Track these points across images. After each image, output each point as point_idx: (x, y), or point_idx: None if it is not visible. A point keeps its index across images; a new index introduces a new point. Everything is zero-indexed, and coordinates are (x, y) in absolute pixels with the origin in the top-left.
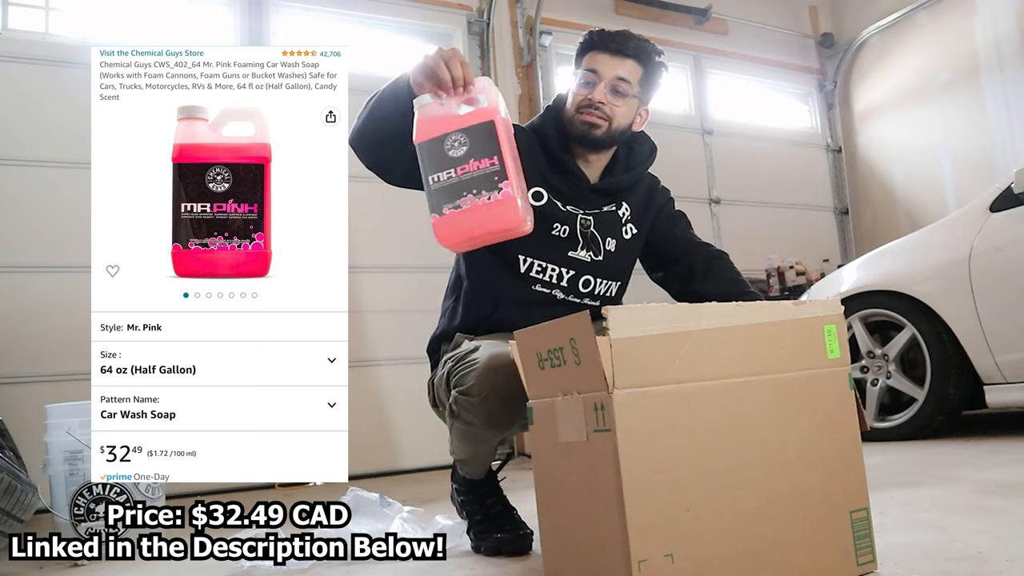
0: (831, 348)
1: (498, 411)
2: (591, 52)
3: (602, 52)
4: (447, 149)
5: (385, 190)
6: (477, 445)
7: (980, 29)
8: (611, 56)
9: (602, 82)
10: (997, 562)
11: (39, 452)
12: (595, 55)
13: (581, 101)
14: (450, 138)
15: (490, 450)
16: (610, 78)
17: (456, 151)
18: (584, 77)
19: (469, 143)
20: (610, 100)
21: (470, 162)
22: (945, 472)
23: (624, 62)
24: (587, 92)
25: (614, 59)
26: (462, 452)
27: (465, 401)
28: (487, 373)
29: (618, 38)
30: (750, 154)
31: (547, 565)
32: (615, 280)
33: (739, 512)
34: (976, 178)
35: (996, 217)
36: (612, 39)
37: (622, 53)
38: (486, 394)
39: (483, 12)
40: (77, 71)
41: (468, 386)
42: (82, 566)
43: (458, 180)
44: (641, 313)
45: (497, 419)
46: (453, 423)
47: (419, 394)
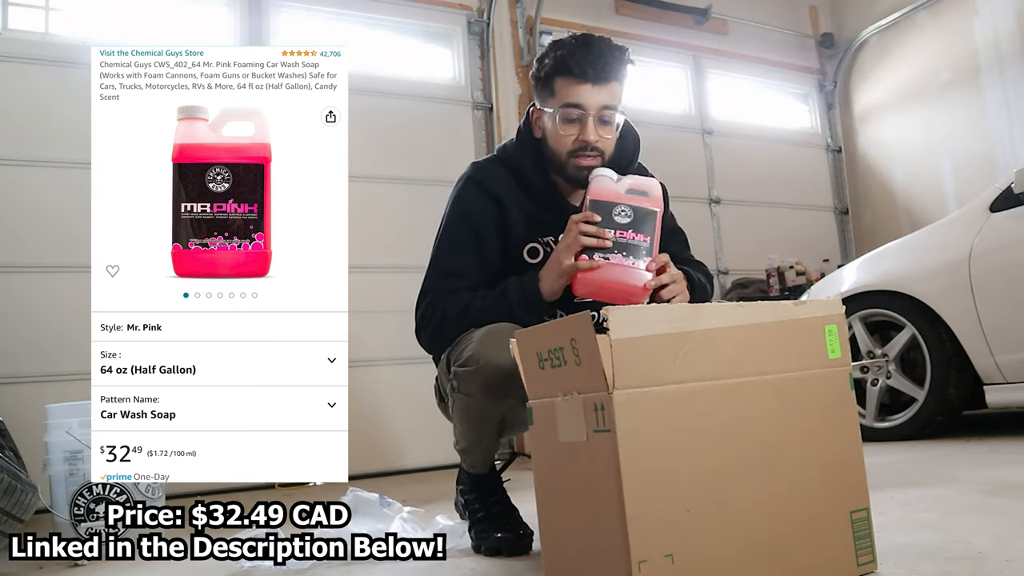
0: (832, 348)
1: (495, 378)
2: (569, 79)
3: (582, 82)
4: (615, 215)
5: (385, 190)
6: (478, 423)
7: (980, 29)
8: (594, 86)
9: (590, 117)
10: (997, 562)
11: (39, 452)
12: (574, 86)
13: (573, 144)
14: (619, 207)
15: (491, 434)
16: (596, 110)
17: (622, 219)
18: (567, 114)
19: (633, 216)
20: (602, 135)
21: (629, 232)
22: (945, 472)
23: (606, 88)
24: (576, 132)
25: (596, 88)
26: (464, 437)
27: (463, 372)
28: (483, 343)
29: (598, 64)
30: (750, 154)
31: (547, 565)
32: None
33: (739, 512)
34: (976, 178)
35: (996, 217)
36: (592, 66)
37: (604, 80)
38: (482, 363)
39: (483, 12)
40: (77, 71)
41: (466, 357)
42: (82, 566)
43: (616, 240)
44: (641, 313)
45: (494, 387)
46: (455, 400)
47: (419, 394)
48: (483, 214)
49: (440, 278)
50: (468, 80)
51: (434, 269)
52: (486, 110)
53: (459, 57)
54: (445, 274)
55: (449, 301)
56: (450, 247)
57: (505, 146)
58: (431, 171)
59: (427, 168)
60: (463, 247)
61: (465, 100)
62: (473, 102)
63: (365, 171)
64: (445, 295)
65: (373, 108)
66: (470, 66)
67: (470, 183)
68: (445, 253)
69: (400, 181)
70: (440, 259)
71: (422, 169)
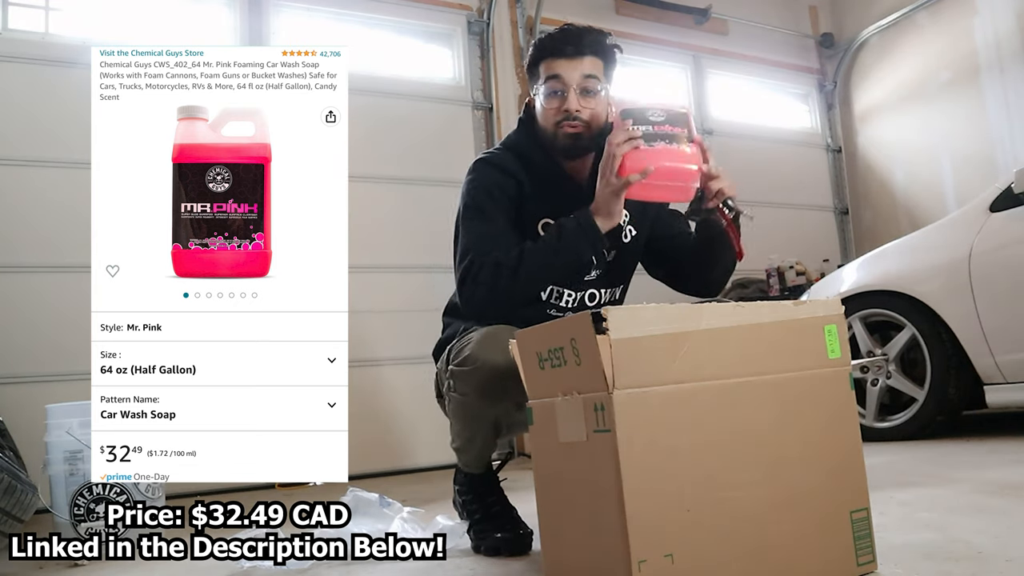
0: (832, 348)
1: (490, 380)
2: (547, 59)
3: (559, 58)
4: (648, 116)
5: (385, 190)
6: (472, 423)
7: (980, 29)
8: (569, 60)
9: (570, 88)
10: (997, 562)
11: (39, 452)
12: (552, 62)
13: (556, 114)
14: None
15: (485, 434)
16: (577, 81)
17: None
18: (550, 87)
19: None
20: (584, 104)
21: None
22: (945, 472)
23: (584, 60)
24: (559, 103)
25: (573, 61)
26: (459, 436)
27: (460, 371)
28: (482, 344)
29: (571, 39)
30: (750, 154)
31: (547, 565)
32: (618, 285)
33: (739, 512)
34: (976, 178)
35: (996, 217)
36: (566, 41)
37: (580, 53)
38: (479, 364)
39: (483, 12)
40: (77, 71)
41: (463, 357)
42: (82, 566)
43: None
44: (641, 313)
45: (489, 389)
46: (450, 398)
47: (419, 394)
48: (502, 188)
49: (478, 239)
50: (468, 80)
51: (469, 234)
52: (486, 110)
53: (459, 57)
54: (482, 235)
55: (497, 254)
56: (479, 215)
57: (508, 136)
58: (431, 171)
59: (427, 168)
60: (492, 214)
61: (465, 100)
62: (473, 102)
63: (365, 171)
64: (488, 253)
65: (373, 108)
66: (470, 66)
67: (485, 165)
68: (478, 223)
69: (400, 181)
70: (472, 227)
71: (422, 169)
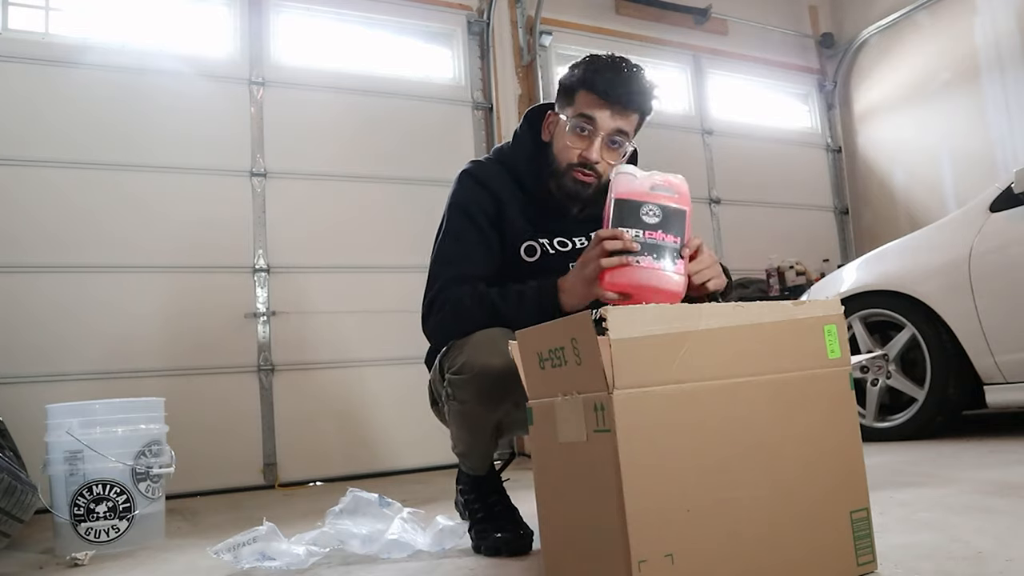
0: (831, 348)
1: (489, 385)
2: (591, 95)
3: (604, 103)
4: (643, 214)
5: (385, 190)
6: (474, 429)
7: (980, 29)
8: (612, 110)
9: (599, 136)
10: (997, 562)
11: (39, 452)
12: (596, 102)
13: (575, 158)
14: (647, 207)
15: (487, 438)
16: (608, 131)
17: (650, 219)
18: (579, 123)
19: (662, 216)
20: (605, 157)
21: (658, 232)
22: (945, 472)
23: (626, 116)
24: (582, 147)
25: (615, 112)
26: (461, 441)
27: (457, 380)
28: (476, 350)
29: (623, 91)
30: (750, 154)
31: (547, 565)
32: None
33: (739, 512)
34: (976, 178)
35: (996, 217)
36: (617, 89)
37: (625, 107)
38: (476, 370)
39: (483, 12)
40: (77, 71)
41: (459, 365)
42: (82, 566)
43: (642, 240)
44: (641, 313)
45: (488, 394)
46: (449, 407)
47: (419, 394)
48: (482, 208)
49: (447, 266)
50: (468, 80)
51: (441, 259)
52: (486, 110)
53: (459, 57)
54: (452, 262)
55: (463, 290)
56: (454, 238)
57: (501, 148)
58: (431, 171)
59: (427, 168)
60: (467, 237)
61: (465, 100)
62: (473, 102)
63: (365, 171)
64: (455, 284)
65: (373, 108)
66: (470, 66)
67: (468, 179)
68: (450, 243)
69: (400, 181)
70: (445, 249)
71: (422, 169)
